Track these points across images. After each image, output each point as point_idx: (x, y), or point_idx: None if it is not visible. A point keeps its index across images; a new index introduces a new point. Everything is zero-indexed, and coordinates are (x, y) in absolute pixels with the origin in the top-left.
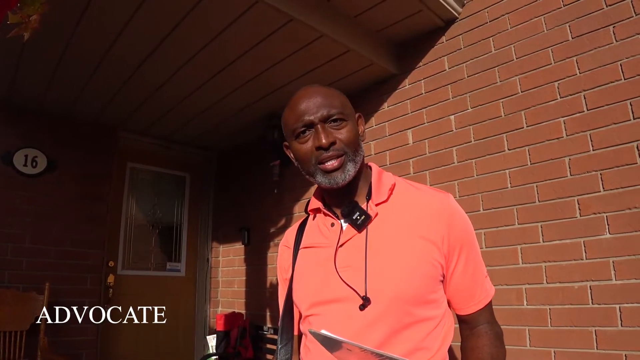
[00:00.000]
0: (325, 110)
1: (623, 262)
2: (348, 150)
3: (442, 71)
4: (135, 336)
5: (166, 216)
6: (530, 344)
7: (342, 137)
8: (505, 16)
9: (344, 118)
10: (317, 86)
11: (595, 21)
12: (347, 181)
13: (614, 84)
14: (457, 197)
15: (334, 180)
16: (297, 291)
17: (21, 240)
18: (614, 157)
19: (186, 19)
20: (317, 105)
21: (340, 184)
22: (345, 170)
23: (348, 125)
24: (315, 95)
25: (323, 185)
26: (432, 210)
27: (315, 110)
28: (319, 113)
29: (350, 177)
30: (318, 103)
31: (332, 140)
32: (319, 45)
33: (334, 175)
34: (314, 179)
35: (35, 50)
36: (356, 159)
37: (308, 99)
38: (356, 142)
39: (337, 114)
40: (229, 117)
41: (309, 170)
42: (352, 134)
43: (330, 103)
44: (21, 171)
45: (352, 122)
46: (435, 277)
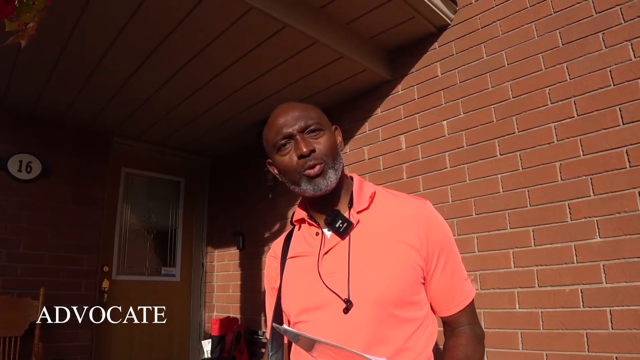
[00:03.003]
0: (302, 122)
1: (613, 265)
2: (327, 159)
3: (434, 77)
4: (130, 341)
5: (161, 221)
6: (523, 347)
7: (320, 147)
8: (497, 23)
9: (321, 128)
10: (292, 102)
11: (585, 28)
12: (329, 187)
13: (603, 90)
14: (450, 202)
15: (318, 187)
16: (285, 299)
17: (15, 245)
18: (604, 162)
19: (180, 26)
20: (295, 118)
21: (324, 190)
22: (326, 177)
23: (325, 135)
24: (292, 110)
25: (308, 193)
26: (411, 216)
27: (293, 123)
28: (297, 125)
29: (332, 184)
30: (295, 116)
31: (312, 148)
32: (312, 51)
33: (317, 181)
34: (299, 187)
35: (30, 57)
36: (336, 167)
37: (285, 113)
38: (335, 151)
39: (314, 124)
40: (224, 122)
41: (293, 180)
42: (329, 143)
43: (307, 115)
44: (16, 176)
45: (329, 132)
46: (416, 279)
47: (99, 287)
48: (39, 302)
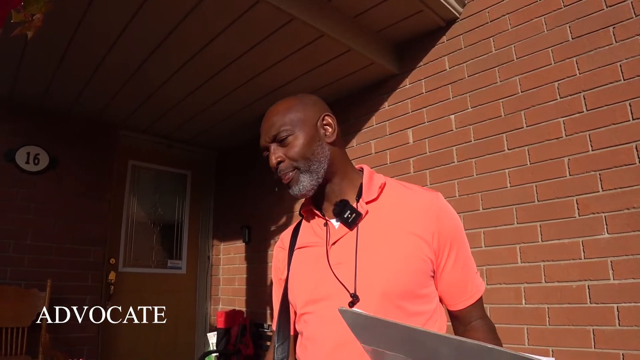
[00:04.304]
0: (274, 131)
1: (621, 261)
2: (297, 164)
3: (442, 71)
4: (136, 333)
5: (167, 214)
6: (529, 343)
7: (289, 154)
8: (506, 16)
9: (291, 133)
10: (276, 105)
11: (595, 22)
12: (305, 193)
13: (613, 84)
14: (457, 197)
15: (293, 192)
16: (292, 290)
17: (23, 237)
18: (613, 157)
19: (187, 18)
20: (268, 128)
21: (300, 195)
22: (299, 183)
23: (296, 137)
24: (268, 117)
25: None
26: (422, 208)
27: (266, 131)
28: (268, 135)
29: (306, 189)
30: (268, 125)
31: (279, 160)
32: (319, 44)
33: (292, 187)
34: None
35: (38, 49)
36: (312, 169)
37: (264, 121)
38: (306, 151)
39: (282, 131)
40: (231, 115)
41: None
42: (298, 147)
43: (278, 121)
44: (23, 168)
45: (301, 132)
46: (425, 272)
47: (106, 279)
48: (46, 293)
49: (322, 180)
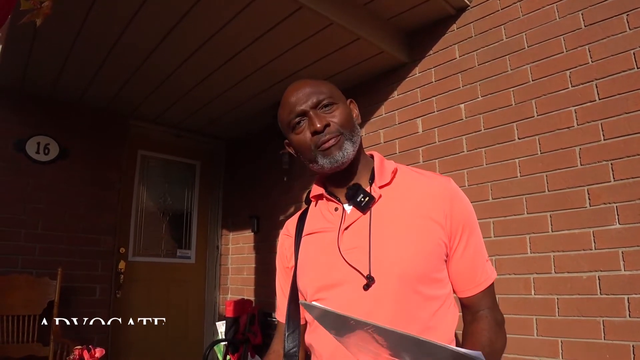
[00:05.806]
0: (315, 97)
1: (632, 252)
2: (344, 130)
3: (452, 59)
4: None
5: (176, 203)
6: (538, 333)
7: (335, 120)
8: (517, 4)
9: (334, 102)
10: (303, 79)
11: (608, 9)
12: (347, 160)
13: (626, 72)
14: (466, 186)
15: (334, 159)
16: (302, 278)
17: (34, 226)
18: (625, 147)
19: (196, 6)
20: (306, 95)
21: (340, 162)
22: (343, 149)
23: (340, 108)
24: (303, 87)
25: (325, 168)
26: (435, 192)
27: (305, 100)
28: (309, 101)
29: (350, 156)
30: (307, 92)
31: (326, 123)
32: (328, 33)
33: (333, 154)
34: (316, 164)
35: (47, 38)
36: (353, 139)
37: (297, 91)
38: (351, 123)
39: (327, 98)
40: (239, 105)
41: (310, 157)
42: (344, 115)
43: (318, 90)
44: (34, 158)
45: (343, 105)
46: (439, 255)
47: (115, 268)
48: (57, 281)
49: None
